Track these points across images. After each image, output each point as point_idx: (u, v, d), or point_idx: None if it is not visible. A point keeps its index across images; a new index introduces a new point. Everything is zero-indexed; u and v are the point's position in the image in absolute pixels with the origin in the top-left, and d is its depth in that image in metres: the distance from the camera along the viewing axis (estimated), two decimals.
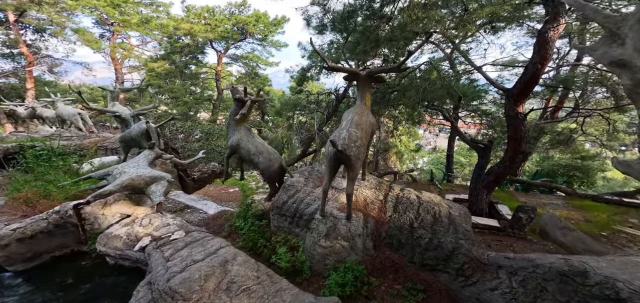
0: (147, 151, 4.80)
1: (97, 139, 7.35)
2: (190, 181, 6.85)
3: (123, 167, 3.95)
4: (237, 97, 4.12)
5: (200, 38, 20.30)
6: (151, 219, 3.28)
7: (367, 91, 3.76)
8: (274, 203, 4.14)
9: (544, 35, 5.39)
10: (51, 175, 4.77)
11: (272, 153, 4.31)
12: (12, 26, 17.93)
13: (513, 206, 7.93)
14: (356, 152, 2.98)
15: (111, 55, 22.93)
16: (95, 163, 5.27)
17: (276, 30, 23.89)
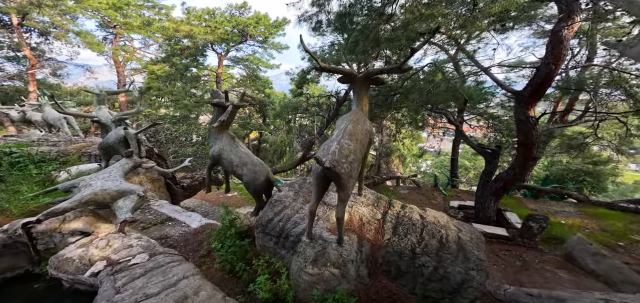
0: (124, 160, 4.38)
1: (83, 144, 6.98)
2: (179, 189, 6.42)
3: (90, 178, 3.53)
4: (215, 102, 3.65)
5: (200, 40, 20.04)
6: (110, 240, 2.83)
7: (364, 94, 3.27)
8: (259, 221, 3.66)
9: (557, 34, 4.97)
10: (23, 185, 4.39)
11: (257, 164, 3.82)
12: (15, 29, 17.91)
13: (522, 213, 7.59)
14: (348, 169, 2.47)
15: (113, 58, 22.86)
16: (72, 172, 4.87)
17: (277, 32, 23.56)
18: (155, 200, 5.38)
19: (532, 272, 4.45)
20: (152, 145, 7.17)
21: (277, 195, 3.82)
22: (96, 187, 3.19)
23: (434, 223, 3.18)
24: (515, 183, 8.40)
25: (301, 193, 3.93)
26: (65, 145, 6.98)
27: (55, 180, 4.77)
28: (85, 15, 19.94)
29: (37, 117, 8.32)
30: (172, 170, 5.24)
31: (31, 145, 6.07)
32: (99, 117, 5.00)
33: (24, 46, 18.68)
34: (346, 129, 2.79)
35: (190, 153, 9.94)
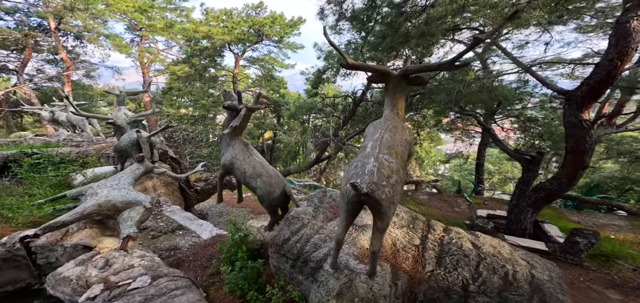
0: (135, 165, 4.11)
1: (103, 145, 6.97)
2: (193, 193, 6.17)
3: (98, 186, 3.26)
4: (227, 105, 3.21)
5: (218, 41, 20.22)
6: (109, 259, 2.49)
7: (401, 96, 2.67)
8: (274, 240, 3.20)
9: (624, 26, 4.25)
10: (38, 188, 4.28)
11: (273, 176, 3.35)
12: (53, 33, 19.02)
13: (564, 227, 6.87)
14: (390, 194, 1.89)
15: (139, 59, 23.74)
16: (88, 175, 4.73)
17: (292, 31, 23.26)
18: (168, 205, 5.13)
19: (576, 293, 3.87)
20: (169, 147, 6.99)
21: (295, 210, 3.34)
22: (100, 198, 2.89)
23: (494, 255, 2.52)
24: (561, 194, 7.50)
25: (321, 209, 3.42)
26: (87, 146, 7.00)
27: (72, 183, 4.66)
28: (114, 19, 20.81)
29: (62, 117, 8.54)
30: (185, 175, 4.96)
31: (54, 146, 6.12)
32: (114, 119, 4.82)
33: (60, 49, 19.79)
34: (383, 140, 2.21)
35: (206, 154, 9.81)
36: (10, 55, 19.85)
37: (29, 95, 18.69)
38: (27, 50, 18.83)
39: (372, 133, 2.44)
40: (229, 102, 3.09)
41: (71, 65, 20.75)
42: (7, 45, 18.75)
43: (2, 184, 4.29)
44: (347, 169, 2.14)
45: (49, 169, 4.99)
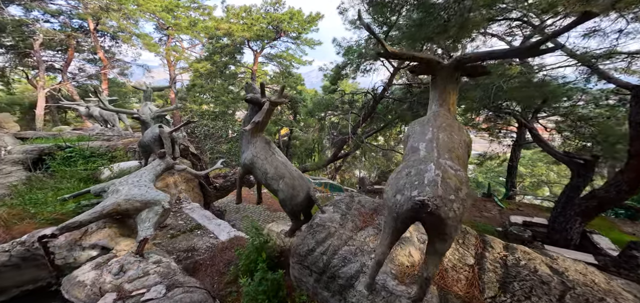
0: (157, 161, 4.00)
1: (130, 139, 7.13)
2: (212, 190, 6.08)
3: (120, 183, 3.15)
4: (250, 98, 2.87)
5: (238, 38, 20.42)
6: (124, 265, 2.31)
7: (453, 90, 2.16)
8: (296, 249, 2.88)
9: None
10: (67, 182, 4.35)
11: (297, 178, 3.00)
12: (92, 34, 20.34)
13: (617, 238, 6.22)
14: (459, 210, 1.45)
15: (166, 57, 24.77)
16: (115, 170, 4.77)
17: (310, 27, 22.87)
18: (188, 202, 5.03)
19: None
20: (190, 142, 6.96)
21: (320, 217, 2.98)
22: (120, 196, 2.75)
23: (586, 285, 1.93)
24: (618, 204, 6.56)
25: (349, 217, 3.02)
26: (116, 141, 7.20)
27: (99, 177, 4.71)
28: (144, 18, 21.78)
29: (96, 112, 8.95)
30: (204, 173, 4.82)
31: (86, 140, 6.34)
32: (139, 114, 4.80)
33: (98, 49, 21.13)
34: (440, 142, 1.74)
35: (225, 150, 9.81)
36: (56, 55, 21.59)
37: (72, 92, 20.23)
38: (70, 51, 20.33)
39: (421, 132, 1.96)
40: (252, 95, 2.76)
41: (108, 64, 22.13)
42: (53, 46, 20.37)
43: (36, 176, 4.41)
44: (395, 177, 1.70)
45: (79, 163, 5.11)
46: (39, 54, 17.76)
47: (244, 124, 3.09)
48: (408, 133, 2.22)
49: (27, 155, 5.10)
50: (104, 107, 4.57)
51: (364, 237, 2.76)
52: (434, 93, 2.25)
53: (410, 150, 1.91)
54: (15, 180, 4.23)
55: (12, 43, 17.90)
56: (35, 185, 4.10)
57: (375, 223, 2.98)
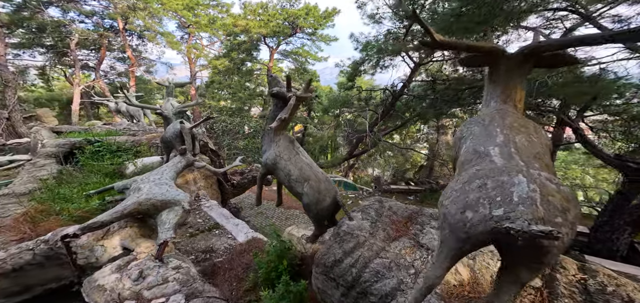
0: (178, 158, 3.92)
1: (154, 134, 7.28)
2: (229, 187, 6.00)
3: (142, 180, 3.07)
4: (275, 92, 2.58)
5: (255, 34, 20.51)
6: (143, 271, 2.19)
7: (520, 84, 1.75)
8: (321, 258, 2.62)
9: None
10: (95, 176, 4.43)
11: (323, 181, 2.72)
12: (121, 33, 21.40)
13: None
14: (568, 236, 1.10)
15: (187, 55, 25.57)
16: (138, 165, 4.81)
17: (326, 23, 22.39)
18: (206, 199, 4.96)
19: None
20: (209, 138, 6.93)
21: (347, 225, 2.69)
22: (141, 196, 2.65)
23: None
24: None
25: (380, 225, 2.70)
26: (141, 136, 7.37)
27: (124, 171, 4.77)
28: (167, 17, 22.52)
29: (123, 108, 9.30)
30: (224, 170, 4.72)
31: (114, 134, 6.54)
32: (162, 110, 4.78)
33: (127, 48, 22.22)
34: (518, 146, 1.39)
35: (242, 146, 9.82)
36: (90, 54, 23.00)
37: (104, 89, 21.48)
38: (102, 49, 21.54)
39: (485, 134, 1.57)
40: (277, 89, 2.49)
41: (135, 62, 23.23)
42: (87, 45, 21.69)
43: (66, 170, 4.54)
44: (458, 188, 1.36)
45: (106, 157, 5.23)
46: (75, 53, 18.96)
47: (267, 121, 2.86)
48: (461, 134, 1.84)
49: (59, 149, 5.31)
50: (129, 103, 4.59)
51: (399, 248, 2.44)
52: (495, 87, 1.85)
53: (472, 155, 1.54)
54: (47, 174, 4.37)
55: (52, 43, 19.27)
56: (65, 178, 4.20)
57: (411, 233, 2.64)
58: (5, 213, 3.09)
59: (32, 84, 23.60)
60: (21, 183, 4.03)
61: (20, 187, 3.84)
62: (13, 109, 12.54)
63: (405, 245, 2.49)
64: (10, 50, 18.19)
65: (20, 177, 4.30)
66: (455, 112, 14.09)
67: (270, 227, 3.11)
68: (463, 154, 1.64)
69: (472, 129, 1.74)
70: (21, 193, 3.67)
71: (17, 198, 3.55)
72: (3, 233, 2.63)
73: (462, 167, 1.64)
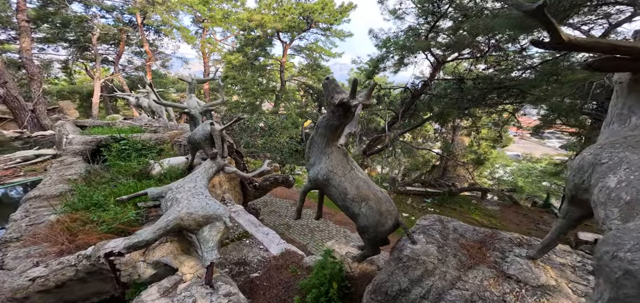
0: (209, 163, 3.63)
1: (176, 132, 7.08)
2: (251, 189, 5.73)
3: (178, 189, 2.80)
4: (339, 101, 2.05)
5: (270, 29, 20.10)
6: (196, 299, 1.90)
7: None
8: (380, 286, 2.26)
9: None
10: (124, 176, 4.23)
11: (384, 201, 2.34)
12: (139, 28, 21.49)
13: None
14: None
15: (201, 49, 25.50)
16: (165, 166, 4.58)
17: (342, 18, 21.70)
18: (232, 203, 4.69)
19: None
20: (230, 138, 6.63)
21: (410, 249, 2.32)
22: (182, 210, 2.36)
23: None
24: None
25: (449, 250, 2.31)
26: (163, 133, 7.18)
27: (150, 172, 4.55)
28: (183, 11, 22.42)
29: (144, 103, 9.18)
30: (253, 174, 4.42)
31: (137, 131, 6.38)
32: (189, 108, 4.51)
33: (144, 42, 22.34)
34: None
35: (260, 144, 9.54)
36: (109, 49, 23.31)
37: (122, 83, 21.73)
38: (121, 44, 21.73)
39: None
40: (341, 97, 2.06)
41: (152, 56, 23.36)
42: (107, 40, 21.96)
43: (94, 169, 4.35)
44: (623, 231, 0.98)
45: (133, 156, 5.03)
46: (96, 48, 19.19)
47: (317, 129, 2.49)
48: (596, 160, 1.42)
49: (86, 147, 5.16)
50: (157, 101, 4.33)
51: (479, 279, 2.05)
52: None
53: (627, 189, 1.14)
54: (75, 174, 4.18)
55: (74, 37, 19.57)
56: (93, 179, 4.00)
57: (489, 260, 2.25)
58: (38, 219, 2.88)
59: (55, 77, 24.17)
60: (51, 183, 3.85)
61: (51, 188, 3.65)
62: (38, 101, 12.75)
63: (485, 275, 2.10)
64: (36, 44, 18.59)
65: (49, 176, 4.14)
66: (474, 111, 13.38)
67: (325, 250, 2.76)
68: (626, 190, 1.23)
69: (623, 156, 1.32)
70: (52, 196, 3.48)
71: (48, 201, 3.35)
72: (39, 242, 2.41)
73: (612, 202, 1.24)
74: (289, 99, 26.26)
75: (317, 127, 2.47)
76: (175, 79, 28.43)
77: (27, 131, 10.30)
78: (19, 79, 18.15)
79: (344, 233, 8.49)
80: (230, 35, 27.20)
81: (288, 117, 19.48)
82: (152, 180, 4.28)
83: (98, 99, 18.87)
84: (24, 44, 12.86)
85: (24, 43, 12.87)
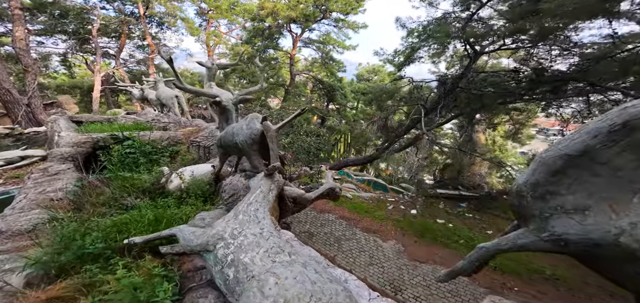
0: (265, 184, 2.29)
1: (191, 129, 5.74)
2: (290, 204, 4.41)
3: (234, 240, 1.48)
4: None
5: (283, 18, 18.63)
6: None
7: None
8: None
9: None
10: (129, 194, 2.92)
11: None
12: (141, 19, 20.07)
13: None
14: None
15: (206, 42, 24.10)
16: (186, 178, 3.26)
17: (358, 7, 20.16)
18: (277, 229, 3.35)
19: None
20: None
21: None
22: (268, 297, 1.05)
23: None
24: None
25: None
26: (175, 130, 5.85)
27: (167, 186, 3.24)
28: (188, 1, 20.99)
29: (152, 95, 7.83)
30: (316, 196, 3.10)
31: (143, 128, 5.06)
32: (220, 98, 3.15)
33: (147, 35, 21.00)
34: None
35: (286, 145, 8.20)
36: (110, 42, 21.99)
37: (124, 77, 20.42)
38: (123, 37, 20.36)
39: None
40: None
41: (155, 49, 21.99)
42: (108, 33, 20.58)
43: (89, 182, 3.02)
44: None
45: (140, 162, 3.71)
46: (96, 40, 17.90)
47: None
48: None
49: (78, 149, 3.82)
50: (178, 85, 3.02)
51: None
52: None
53: None
54: (61, 190, 2.85)
55: (74, 29, 18.22)
56: (87, 199, 2.67)
57: None
58: None
59: (55, 70, 22.85)
60: (23, 207, 2.53)
61: (20, 218, 2.32)
62: (33, 95, 11.41)
63: None
64: (34, 37, 17.25)
65: (24, 193, 2.82)
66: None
67: (345, 256, 1.43)
68: None
69: None
70: (21, 232, 2.16)
71: (13, 241, 2.03)
72: None
73: None
74: (298, 94, 24.89)
75: None
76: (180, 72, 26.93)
77: (19, 127, 9.00)
78: (16, 72, 16.83)
79: (375, 242, 7.40)
80: (235, 27, 25.79)
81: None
82: (171, 199, 2.96)
83: (98, 93, 17.55)
84: (17, 34, 11.55)
85: (17, 32, 11.57)
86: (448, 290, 5.89)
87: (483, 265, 1.98)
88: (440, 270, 6.57)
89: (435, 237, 8.42)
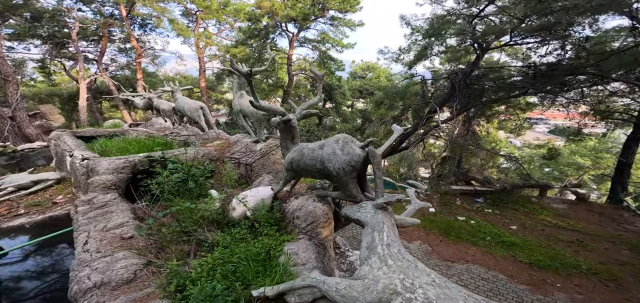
0: (387, 217, 2.09)
1: (220, 141, 5.41)
2: (343, 216, 4.31)
3: (425, 299, 1.34)
4: None
5: (281, 17, 18.25)
6: None
7: None
8: None
9: None
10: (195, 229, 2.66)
11: None
12: (124, 20, 18.89)
13: None
14: None
15: (196, 44, 23.17)
16: (249, 204, 3.03)
17: (356, 4, 20.18)
18: (346, 248, 3.22)
19: None
20: None
21: None
22: None
23: None
24: None
25: None
26: (200, 143, 5.51)
27: (229, 213, 2.99)
28: (175, 2, 20.04)
29: (165, 106, 7.28)
30: (405, 225, 2.97)
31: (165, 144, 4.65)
32: (286, 115, 2.93)
33: (131, 37, 19.86)
34: None
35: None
36: (89, 46, 20.61)
37: (109, 83, 19.21)
38: (103, 40, 19.10)
39: None
40: None
41: (141, 52, 20.86)
42: (87, 35, 19.25)
43: (154, 220, 2.71)
44: None
45: (191, 186, 3.43)
46: (76, 44, 16.68)
47: None
48: None
49: (120, 176, 3.46)
50: (258, 106, 2.77)
51: None
52: None
53: None
54: (123, 222, 2.55)
55: (48, 33, 16.87)
56: (160, 238, 2.39)
57: None
58: None
59: (31, 78, 21.12)
60: (98, 249, 2.24)
61: (111, 266, 2.04)
62: (17, 107, 10.44)
63: None
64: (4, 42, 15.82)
65: (83, 232, 2.50)
66: None
67: None
68: None
69: None
70: (122, 282, 1.89)
71: (123, 293, 1.79)
72: None
73: None
74: (299, 95, 24.64)
75: None
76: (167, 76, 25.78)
77: (11, 144, 8.20)
78: None
79: None
80: (225, 28, 25.03)
81: None
82: (242, 229, 2.74)
83: (85, 101, 16.42)
84: None
85: None
86: (489, 289, 5.99)
87: None
88: (475, 270, 6.67)
89: (459, 235, 8.54)
